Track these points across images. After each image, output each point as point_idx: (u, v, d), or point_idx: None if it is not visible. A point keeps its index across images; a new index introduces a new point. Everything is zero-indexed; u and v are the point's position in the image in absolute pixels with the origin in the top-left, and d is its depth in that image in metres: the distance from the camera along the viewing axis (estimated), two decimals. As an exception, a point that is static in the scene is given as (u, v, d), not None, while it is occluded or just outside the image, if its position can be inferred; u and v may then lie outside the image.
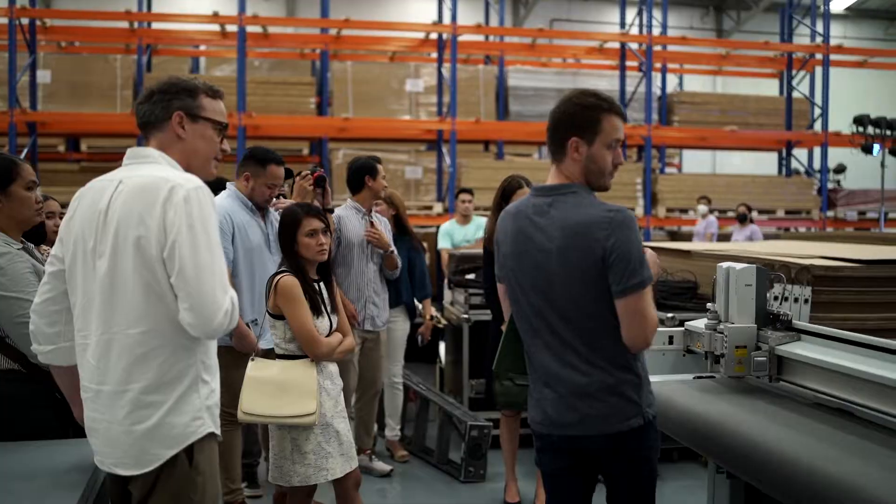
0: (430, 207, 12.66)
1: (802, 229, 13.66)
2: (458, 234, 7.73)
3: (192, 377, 2.25)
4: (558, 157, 2.56)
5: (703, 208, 12.09)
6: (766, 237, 11.23)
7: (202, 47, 14.89)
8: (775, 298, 3.53)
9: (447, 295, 6.51)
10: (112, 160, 13.37)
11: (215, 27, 12.59)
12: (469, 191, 8.13)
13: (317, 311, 3.40)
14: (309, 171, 4.49)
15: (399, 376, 5.59)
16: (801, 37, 16.14)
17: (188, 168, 2.33)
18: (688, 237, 12.92)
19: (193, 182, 2.22)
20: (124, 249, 2.19)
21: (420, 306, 5.78)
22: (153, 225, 2.16)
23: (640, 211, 13.08)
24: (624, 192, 13.00)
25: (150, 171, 2.26)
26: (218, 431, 2.31)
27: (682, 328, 3.57)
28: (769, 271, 3.40)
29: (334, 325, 3.50)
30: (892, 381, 2.63)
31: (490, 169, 13.00)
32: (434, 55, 15.34)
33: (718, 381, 3.38)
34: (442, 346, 6.70)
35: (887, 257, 5.22)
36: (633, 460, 2.63)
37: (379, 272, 5.10)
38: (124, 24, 12.92)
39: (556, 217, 2.50)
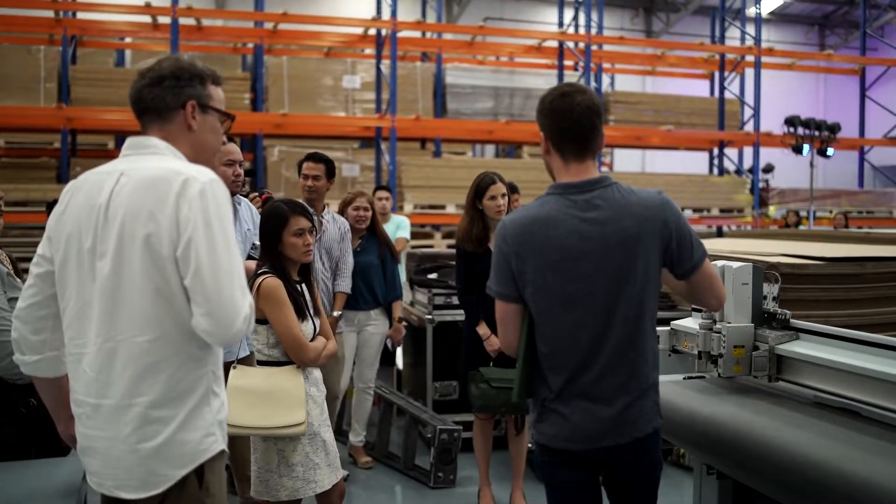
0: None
1: (734, 227, 13.92)
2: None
3: (204, 389, 2.05)
4: (592, 153, 2.45)
5: None
6: (702, 236, 11.37)
7: (128, 39, 14.39)
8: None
9: (407, 295, 6.35)
10: (33, 156, 12.87)
11: (146, 18, 12.15)
12: (386, 188, 7.85)
13: (301, 315, 3.21)
14: (257, 193, 4.51)
15: (372, 381, 5.41)
16: (731, 39, 16.47)
17: (194, 162, 2.12)
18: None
19: (207, 174, 2.02)
20: (131, 248, 1.97)
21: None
22: (165, 221, 1.95)
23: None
24: (563, 191, 13.03)
25: (156, 162, 2.05)
26: (226, 447, 2.12)
27: (668, 328, 3.51)
28: (764, 270, 3.36)
29: (317, 329, 3.33)
30: (892, 377, 2.62)
31: (429, 167, 12.90)
32: (369, 51, 15.17)
33: (710, 381, 3.34)
34: (399, 348, 6.54)
35: (850, 255, 5.29)
36: (650, 464, 2.56)
37: (331, 277, 5.00)
38: (49, 14, 12.35)
39: (614, 208, 2.37)
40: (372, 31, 12.90)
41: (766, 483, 2.90)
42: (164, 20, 11.58)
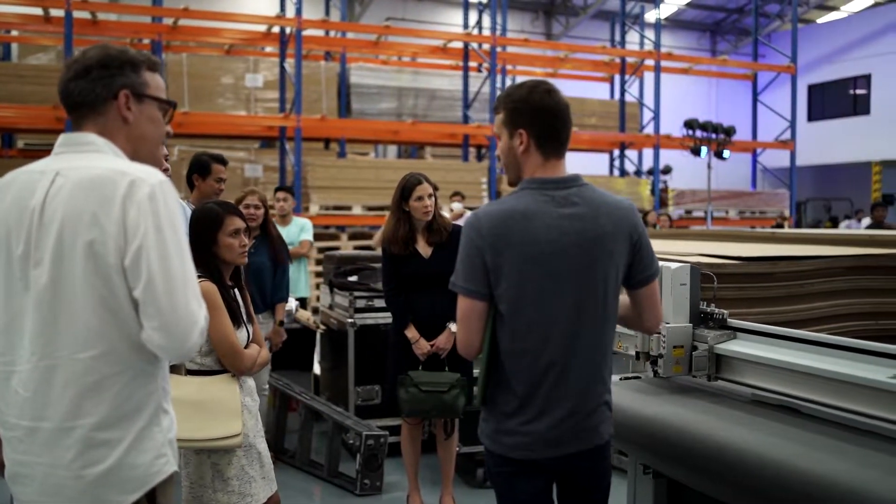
0: (270, 207, 12.20)
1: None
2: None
3: (154, 407, 1.89)
4: (563, 151, 2.41)
5: (457, 206, 10.30)
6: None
7: (15, 32, 13.69)
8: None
9: (324, 298, 6.20)
10: None
11: (37, 10, 11.56)
12: (285, 189, 7.65)
13: (235, 321, 3.06)
14: None
15: (266, 382, 5.25)
16: (630, 44, 16.86)
17: (134, 157, 1.94)
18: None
19: (156, 176, 1.85)
20: (71, 256, 1.80)
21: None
22: (110, 227, 1.78)
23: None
24: (470, 191, 13.06)
25: (96, 161, 1.87)
26: (177, 468, 1.97)
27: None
28: (700, 270, 3.40)
29: (251, 336, 3.18)
30: (835, 375, 2.67)
31: (335, 168, 12.73)
32: (270, 49, 14.87)
33: (646, 381, 3.36)
34: (316, 352, 6.38)
35: (765, 254, 5.43)
36: (605, 470, 2.53)
37: None
38: (-74, 4, 11.63)
39: (591, 207, 2.34)
40: (275, 29, 12.64)
41: (708, 480, 2.92)
42: (57, 13, 11.04)
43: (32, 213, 1.85)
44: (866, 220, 13.89)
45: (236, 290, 3.22)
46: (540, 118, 2.35)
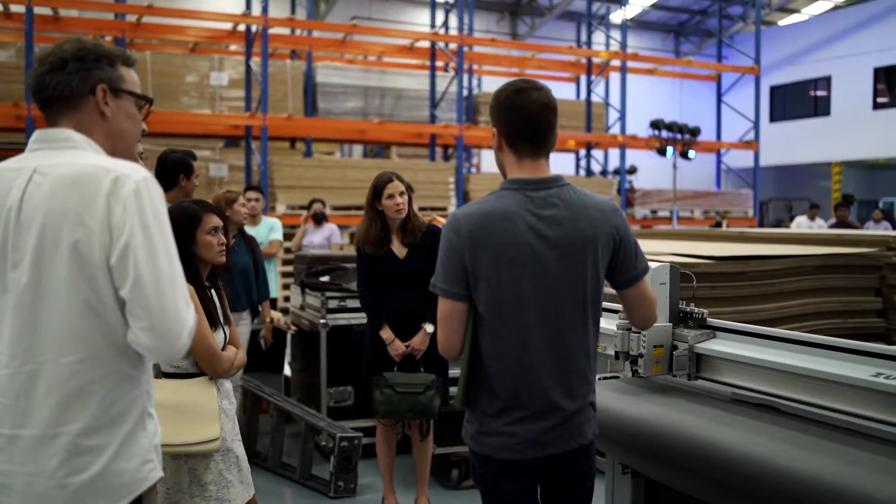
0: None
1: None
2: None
3: (139, 412, 1.83)
4: (546, 151, 2.38)
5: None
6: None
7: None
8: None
9: (295, 298, 6.13)
10: None
11: (-3, 7, 11.35)
12: (257, 188, 7.55)
13: (212, 323, 3.00)
14: None
15: (238, 380, 5.20)
16: (595, 44, 16.95)
17: (112, 154, 1.88)
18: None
19: (140, 172, 1.79)
20: (53, 257, 1.73)
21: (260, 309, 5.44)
22: (95, 226, 1.72)
23: (453, 210, 13.18)
24: (437, 192, 13.06)
25: (75, 158, 1.81)
26: (163, 473, 1.92)
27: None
28: (680, 269, 3.40)
29: (227, 338, 3.12)
30: (816, 373, 2.69)
31: (302, 167, 12.65)
32: (234, 48, 14.71)
33: (625, 380, 3.35)
34: (287, 353, 6.31)
35: (737, 254, 5.48)
36: (589, 469, 2.52)
37: None
38: None
39: (571, 208, 2.31)
40: (241, 27, 12.52)
41: (688, 479, 2.92)
42: (18, 9, 10.83)
43: (9, 213, 1.78)
44: (819, 219, 14.15)
45: (213, 290, 3.16)
46: (509, 118, 2.34)
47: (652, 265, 3.29)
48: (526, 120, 2.33)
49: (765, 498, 2.51)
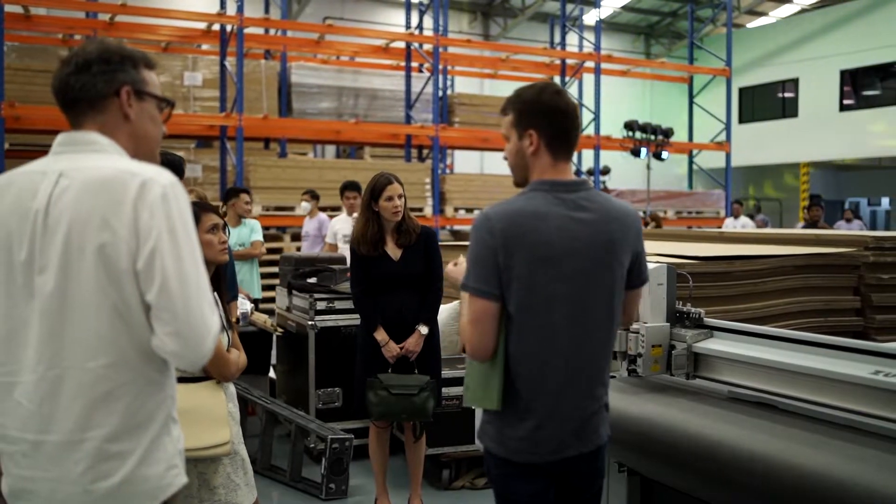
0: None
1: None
2: (232, 237, 7.18)
3: (164, 417, 1.83)
4: (572, 153, 2.41)
5: (305, 205, 9.35)
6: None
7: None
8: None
9: (281, 300, 6.10)
10: None
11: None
12: (246, 190, 7.53)
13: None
14: None
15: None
16: (569, 45, 17.04)
17: (135, 156, 1.88)
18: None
19: (167, 176, 1.78)
20: (80, 261, 1.72)
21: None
22: (122, 230, 1.71)
23: (429, 210, 13.19)
24: (413, 192, 13.04)
25: (101, 161, 1.79)
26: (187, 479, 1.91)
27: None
28: (676, 270, 3.45)
29: (230, 341, 3.10)
30: (814, 371, 2.74)
31: (278, 167, 12.60)
32: (206, 47, 14.61)
33: (621, 379, 3.39)
34: (273, 355, 6.28)
35: (722, 254, 5.54)
36: (601, 470, 2.54)
37: None
38: None
39: (600, 212, 2.33)
40: (216, 27, 12.43)
41: (687, 477, 2.97)
42: (-12, 7, 10.67)
43: (35, 217, 1.76)
44: (743, 217, 14.45)
45: (215, 293, 3.14)
46: (550, 119, 2.34)
47: (649, 265, 3.34)
48: (572, 123, 2.36)
49: (767, 494, 2.56)
